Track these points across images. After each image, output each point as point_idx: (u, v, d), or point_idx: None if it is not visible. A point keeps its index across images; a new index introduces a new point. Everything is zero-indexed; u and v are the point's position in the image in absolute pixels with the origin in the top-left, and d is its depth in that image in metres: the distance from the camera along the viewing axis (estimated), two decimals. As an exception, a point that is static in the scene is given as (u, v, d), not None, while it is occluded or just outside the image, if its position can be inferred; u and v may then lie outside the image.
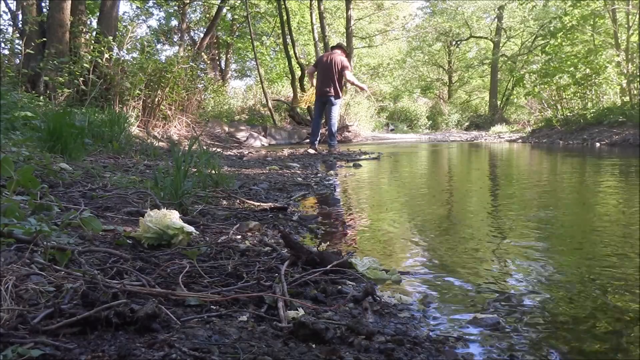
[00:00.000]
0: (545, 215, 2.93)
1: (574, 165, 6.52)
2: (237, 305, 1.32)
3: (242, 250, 1.87)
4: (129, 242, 1.83)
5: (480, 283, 1.68)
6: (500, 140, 15.01)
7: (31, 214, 1.83)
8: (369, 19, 24.27)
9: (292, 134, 13.73)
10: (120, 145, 5.48)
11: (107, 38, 8.46)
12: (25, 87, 7.88)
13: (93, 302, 1.12)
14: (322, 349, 1.07)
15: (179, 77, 9.60)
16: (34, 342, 0.95)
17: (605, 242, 2.24)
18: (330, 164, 6.67)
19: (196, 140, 3.46)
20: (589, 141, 11.21)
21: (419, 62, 32.17)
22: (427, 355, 1.11)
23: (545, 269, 1.84)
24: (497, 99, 28.31)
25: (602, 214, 3.03)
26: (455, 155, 9.15)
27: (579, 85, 13.47)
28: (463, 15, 28.78)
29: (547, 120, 14.65)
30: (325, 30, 16.79)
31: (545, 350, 1.19)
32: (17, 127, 4.76)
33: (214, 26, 18.02)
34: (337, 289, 1.52)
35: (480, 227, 2.63)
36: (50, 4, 8.68)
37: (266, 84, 17.19)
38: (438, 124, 26.55)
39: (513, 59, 26.27)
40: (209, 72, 18.29)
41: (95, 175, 3.36)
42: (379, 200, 3.74)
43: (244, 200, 2.96)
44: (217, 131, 12.25)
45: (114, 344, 1.01)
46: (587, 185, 4.46)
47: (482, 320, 1.33)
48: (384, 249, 2.18)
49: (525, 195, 3.83)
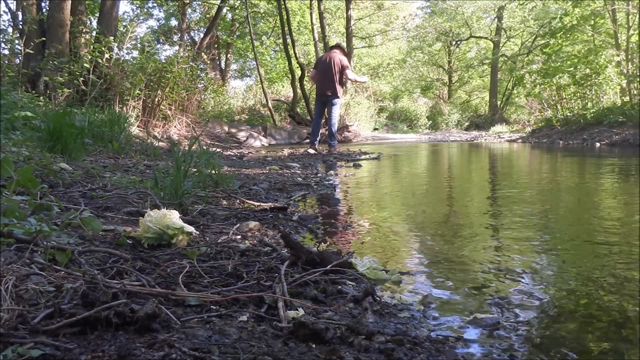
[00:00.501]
0: (546, 215, 2.93)
1: (574, 165, 6.52)
2: (237, 305, 1.32)
3: (242, 250, 1.87)
4: (129, 242, 1.84)
5: (481, 283, 1.68)
6: (500, 140, 15.00)
7: (31, 214, 1.83)
8: (369, 19, 24.27)
9: (292, 134, 13.73)
10: (120, 145, 5.48)
11: (107, 38, 8.46)
12: (25, 87, 7.88)
13: (93, 302, 1.12)
14: (322, 349, 1.07)
15: (179, 77, 9.60)
16: (34, 342, 0.95)
17: (605, 241, 2.24)
18: (330, 164, 6.67)
19: (196, 140, 3.46)
20: (589, 141, 11.21)
21: (419, 62, 32.17)
22: (427, 355, 1.11)
23: (545, 268, 1.84)
24: (497, 99, 28.31)
25: (602, 214, 3.03)
26: (455, 155, 9.15)
27: (579, 85, 13.47)
28: (463, 15, 28.77)
29: (547, 120, 14.65)
30: (325, 30, 16.79)
31: (545, 350, 1.19)
32: (17, 127, 4.76)
33: (214, 26, 18.02)
34: (337, 289, 1.52)
35: (480, 227, 2.63)
36: (50, 4, 8.68)
37: (266, 84, 17.19)
38: (438, 124, 26.55)
39: (513, 59, 26.27)
40: (209, 72, 18.28)
41: (95, 175, 3.36)
42: (379, 200, 3.74)
43: (244, 200, 2.96)
44: (217, 131, 12.25)
45: (114, 344, 1.01)
46: (587, 185, 4.45)
47: (482, 320, 1.33)
48: (384, 249, 2.18)
49: (525, 195, 3.82)
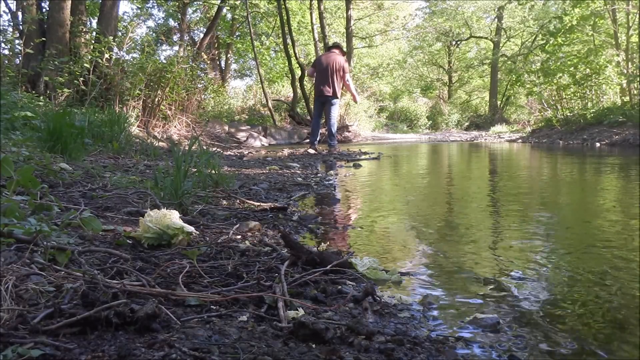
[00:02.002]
0: (546, 215, 2.93)
1: (574, 165, 6.52)
2: (237, 305, 1.32)
3: (242, 250, 1.87)
4: (129, 242, 1.83)
5: (480, 283, 1.68)
6: (500, 140, 15.00)
7: (31, 214, 1.83)
8: (369, 19, 24.26)
9: (292, 134, 13.74)
10: (120, 145, 5.48)
11: (107, 38, 8.46)
12: (25, 87, 7.89)
13: (93, 302, 1.12)
14: (322, 349, 1.07)
15: (179, 77, 9.61)
16: (34, 342, 0.95)
17: (605, 242, 2.24)
18: (330, 164, 6.67)
19: (196, 140, 3.46)
20: (589, 141, 11.21)
21: (419, 62, 32.17)
22: (427, 355, 1.11)
23: (545, 268, 1.84)
24: (497, 99, 28.32)
25: (602, 214, 3.03)
26: (455, 155, 9.15)
27: (579, 85, 13.47)
28: (463, 15, 28.78)
29: (547, 120, 14.65)
30: (325, 30, 16.78)
31: (545, 350, 1.19)
32: (17, 127, 4.77)
33: (214, 26, 18.01)
34: (337, 289, 1.52)
35: (480, 227, 2.63)
36: (50, 4, 8.68)
37: (266, 84, 17.19)
38: (438, 124, 26.56)
39: (513, 59, 26.27)
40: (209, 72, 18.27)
41: (95, 175, 3.36)
42: (379, 200, 3.74)
43: (244, 200, 2.96)
44: (217, 131, 12.26)
45: (114, 344, 1.01)
46: (587, 184, 4.45)
47: (482, 320, 1.33)
48: (384, 249, 2.18)
49: (525, 194, 3.82)
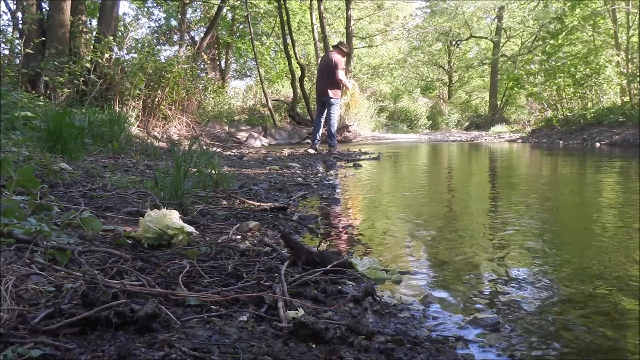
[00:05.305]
0: (545, 215, 2.93)
1: (574, 165, 6.51)
2: (237, 305, 1.32)
3: (242, 250, 1.87)
4: (129, 242, 1.83)
5: (480, 283, 1.68)
6: (500, 140, 15.00)
7: (31, 214, 1.83)
8: (369, 19, 24.24)
9: (292, 134, 13.74)
10: (120, 145, 5.48)
11: (107, 38, 8.46)
12: (25, 87, 7.88)
13: (93, 302, 1.12)
14: (322, 349, 1.07)
15: (179, 77, 9.61)
16: (34, 342, 0.95)
17: (605, 242, 2.24)
18: (330, 164, 6.67)
19: (196, 140, 3.46)
20: (589, 141, 11.21)
21: (419, 62, 32.16)
22: (427, 355, 1.11)
23: (545, 268, 1.84)
24: (497, 99, 28.30)
25: (602, 214, 3.03)
26: (455, 156, 9.15)
27: (579, 85, 13.47)
28: (463, 15, 28.76)
29: (547, 120, 14.64)
30: (325, 30, 16.77)
31: (545, 350, 1.19)
32: (17, 127, 4.76)
33: (214, 26, 17.98)
34: (337, 289, 1.52)
35: (480, 227, 2.63)
36: (50, 4, 8.68)
37: (266, 84, 17.19)
38: (438, 124, 26.53)
39: (513, 59, 26.26)
40: (209, 72, 18.28)
41: (95, 175, 3.35)
42: (378, 200, 3.74)
43: (244, 200, 2.96)
44: (217, 131, 12.26)
45: (114, 344, 1.01)
46: (587, 184, 4.45)
47: (482, 320, 1.33)
48: (384, 249, 2.18)
49: (525, 195, 3.82)
